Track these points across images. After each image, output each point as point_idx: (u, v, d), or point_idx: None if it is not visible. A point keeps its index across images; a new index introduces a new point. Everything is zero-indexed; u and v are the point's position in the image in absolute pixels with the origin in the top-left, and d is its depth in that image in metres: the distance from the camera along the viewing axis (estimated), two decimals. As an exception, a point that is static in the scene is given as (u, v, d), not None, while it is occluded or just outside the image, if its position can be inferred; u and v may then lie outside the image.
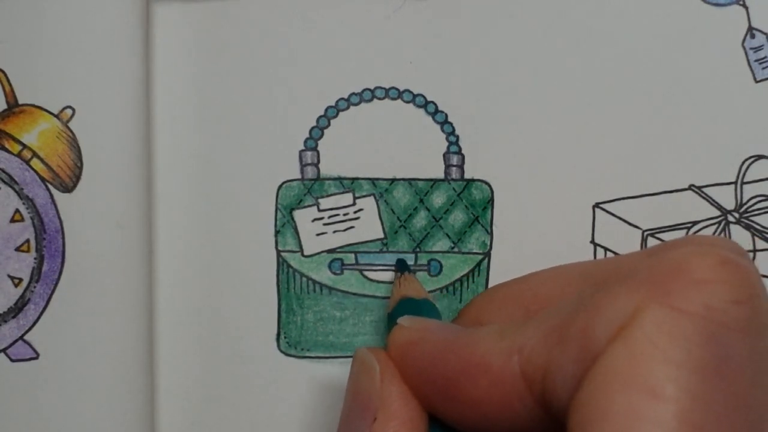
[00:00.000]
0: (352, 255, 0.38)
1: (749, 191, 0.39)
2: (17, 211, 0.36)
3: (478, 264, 0.39)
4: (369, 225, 0.38)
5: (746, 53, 0.38)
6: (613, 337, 0.26)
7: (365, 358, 0.33)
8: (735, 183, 0.38)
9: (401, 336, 0.32)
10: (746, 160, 0.38)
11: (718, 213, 0.39)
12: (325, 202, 0.38)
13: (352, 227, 0.38)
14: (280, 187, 0.38)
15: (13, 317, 0.36)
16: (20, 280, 0.36)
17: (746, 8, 0.38)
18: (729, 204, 0.39)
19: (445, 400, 0.30)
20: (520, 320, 0.30)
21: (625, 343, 0.26)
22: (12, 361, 0.36)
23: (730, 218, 0.39)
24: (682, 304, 0.26)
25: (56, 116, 0.35)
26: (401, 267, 0.38)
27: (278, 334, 0.39)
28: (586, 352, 0.27)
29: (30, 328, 0.36)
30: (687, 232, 0.39)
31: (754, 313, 0.26)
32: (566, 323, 0.28)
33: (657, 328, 0.26)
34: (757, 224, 0.39)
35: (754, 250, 0.39)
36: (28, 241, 0.36)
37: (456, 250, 0.38)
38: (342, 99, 0.38)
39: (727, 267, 0.27)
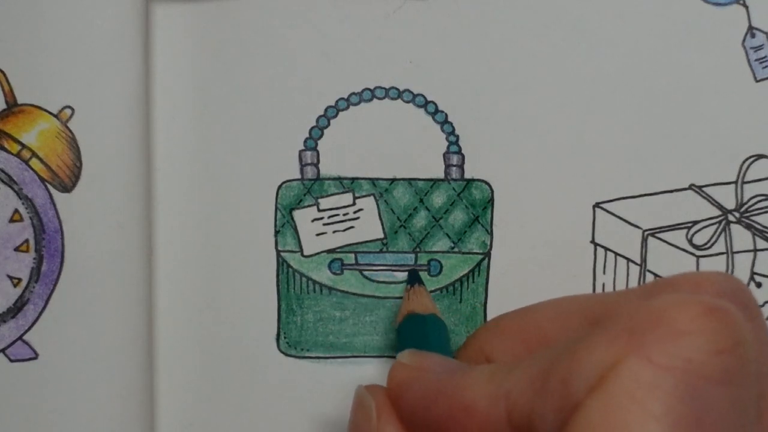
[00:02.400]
0: (352, 255, 0.38)
1: (749, 191, 0.39)
2: (16, 211, 0.36)
3: (478, 264, 0.39)
4: (369, 225, 0.38)
5: (746, 53, 0.38)
6: (591, 389, 0.26)
7: (362, 396, 0.33)
8: (735, 182, 0.38)
9: (399, 374, 0.33)
10: (746, 159, 0.38)
11: (718, 212, 0.39)
12: (324, 202, 0.38)
13: (351, 227, 0.38)
14: (279, 187, 0.38)
15: (12, 317, 0.36)
16: (19, 280, 0.36)
17: (746, 8, 0.38)
18: (729, 203, 0.39)
19: None
20: (510, 363, 0.30)
21: (603, 396, 0.26)
22: (11, 361, 0.36)
23: (731, 218, 0.39)
24: (660, 358, 0.26)
25: (55, 116, 0.35)
26: (412, 279, 0.38)
27: (278, 335, 0.38)
28: (566, 402, 0.27)
29: (29, 329, 0.36)
30: (687, 232, 0.39)
31: (736, 363, 0.26)
32: (549, 371, 0.28)
33: (635, 382, 0.26)
34: (758, 224, 0.39)
35: (755, 250, 0.39)
36: (27, 241, 0.36)
37: (456, 250, 0.38)
38: (342, 99, 0.38)
39: (708, 317, 0.26)
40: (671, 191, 0.38)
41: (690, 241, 0.39)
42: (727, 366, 0.26)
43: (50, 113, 0.35)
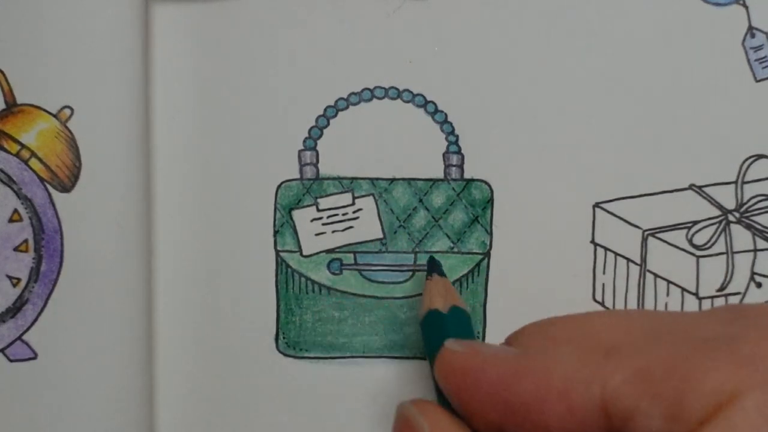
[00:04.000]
0: (351, 255, 0.38)
1: (749, 191, 0.38)
2: (16, 210, 0.36)
3: (478, 264, 0.38)
4: (368, 225, 0.38)
5: (746, 53, 0.38)
6: (711, 413, 0.26)
7: (412, 417, 0.31)
8: (735, 182, 0.38)
9: (457, 361, 0.31)
10: (746, 159, 0.38)
11: (718, 212, 0.38)
12: (324, 202, 0.38)
13: (351, 227, 0.38)
14: (279, 186, 0.38)
15: (12, 317, 0.36)
16: (18, 279, 0.36)
17: (746, 8, 0.38)
18: (729, 203, 0.38)
19: (516, 426, 0.29)
20: (600, 348, 0.29)
21: (726, 424, 0.26)
22: (10, 361, 0.36)
23: (731, 218, 0.39)
24: None
25: (55, 116, 0.35)
26: (433, 267, 0.37)
27: (277, 335, 0.38)
28: (677, 417, 0.27)
29: (28, 328, 0.36)
30: (687, 232, 0.39)
31: None
32: (662, 375, 0.27)
33: (759, 414, 0.26)
34: (758, 224, 0.39)
35: (755, 250, 0.39)
36: (26, 240, 0.36)
37: (456, 250, 0.38)
38: (341, 99, 0.38)
39: None
40: (671, 191, 0.38)
41: (690, 241, 0.39)
42: None
43: (49, 113, 0.35)
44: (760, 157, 0.38)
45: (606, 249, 0.38)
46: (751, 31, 0.38)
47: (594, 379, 0.28)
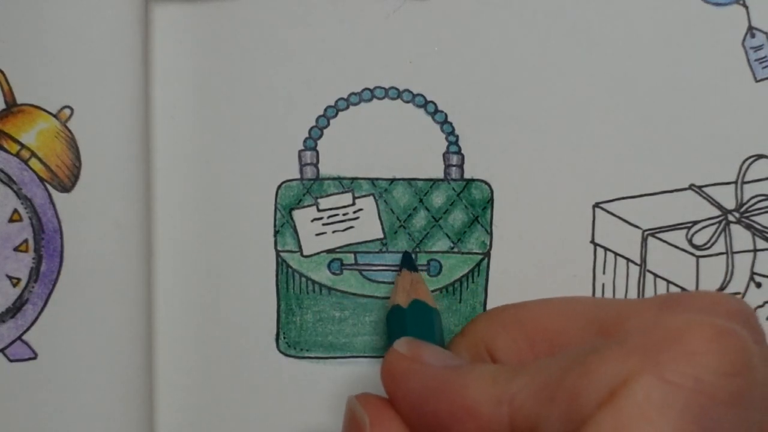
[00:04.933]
0: (352, 255, 0.38)
1: (749, 191, 0.38)
2: (15, 210, 0.36)
3: (478, 264, 0.38)
4: (368, 225, 0.38)
5: (746, 53, 0.38)
6: (602, 403, 0.27)
7: (356, 410, 0.33)
8: (735, 182, 0.38)
9: (396, 363, 0.32)
10: (746, 159, 0.38)
11: (718, 212, 0.38)
12: (324, 202, 0.38)
13: (351, 227, 0.38)
14: (279, 187, 0.38)
15: (12, 317, 0.36)
16: (18, 279, 0.36)
17: (746, 8, 0.38)
18: (729, 204, 0.39)
19: None
20: (514, 366, 0.31)
21: (614, 410, 0.26)
22: (10, 361, 0.36)
23: (731, 218, 0.39)
24: (673, 377, 0.26)
25: (55, 116, 0.35)
26: (409, 264, 0.38)
27: (277, 335, 0.38)
28: (574, 413, 0.27)
29: (28, 328, 0.36)
30: (687, 232, 0.39)
31: (744, 386, 0.27)
32: (558, 380, 0.28)
33: (647, 399, 0.26)
34: (758, 224, 0.39)
35: (755, 250, 0.39)
36: (26, 240, 0.36)
37: (456, 250, 0.38)
38: (341, 99, 0.38)
39: (721, 339, 0.27)
40: (671, 191, 0.38)
41: (690, 241, 0.39)
42: (736, 389, 0.26)
43: (49, 113, 0.35)
44: (760, 157, 0.38)
45: (606, 249, 0.39)
46: (751, 31, 0.38)
47: (503, 397, 0.29)
